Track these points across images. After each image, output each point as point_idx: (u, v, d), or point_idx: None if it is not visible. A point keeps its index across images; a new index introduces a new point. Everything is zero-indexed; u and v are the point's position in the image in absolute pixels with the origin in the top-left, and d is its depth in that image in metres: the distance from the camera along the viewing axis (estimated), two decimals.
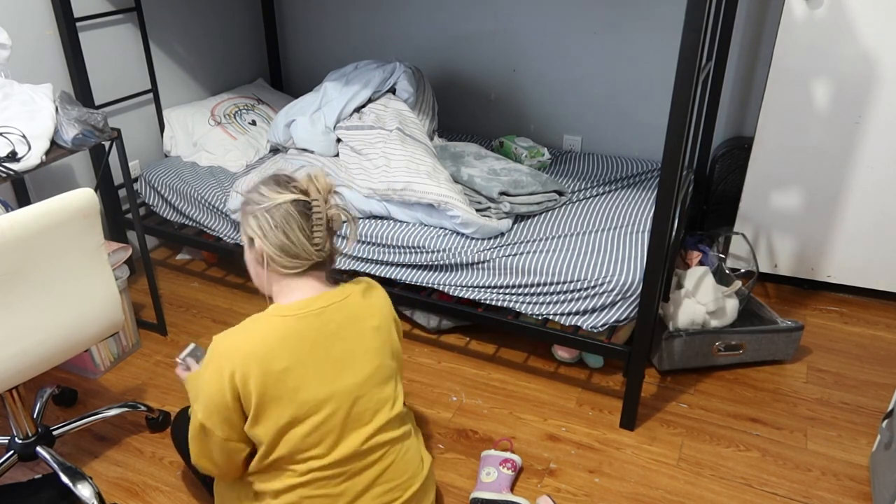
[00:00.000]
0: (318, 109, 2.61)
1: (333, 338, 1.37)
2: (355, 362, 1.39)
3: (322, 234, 1.37)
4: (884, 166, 2.31)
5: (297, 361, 1.32)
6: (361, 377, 1.39)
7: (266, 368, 1.29)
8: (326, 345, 1.36)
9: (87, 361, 2.18)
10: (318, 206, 1.36)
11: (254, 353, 1.29)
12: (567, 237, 2.14)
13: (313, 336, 1.35)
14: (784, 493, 1.75)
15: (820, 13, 2.19)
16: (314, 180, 1.38)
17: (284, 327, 1.33)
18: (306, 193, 1.36)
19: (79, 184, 2.58)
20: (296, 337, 1.33)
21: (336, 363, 1.36)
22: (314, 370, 1.34)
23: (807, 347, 2.31)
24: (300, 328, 1.34)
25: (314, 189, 1.37)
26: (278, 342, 1.31)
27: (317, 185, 1.38)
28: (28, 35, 2.30)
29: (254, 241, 1.37)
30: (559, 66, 2.87)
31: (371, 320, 1.43)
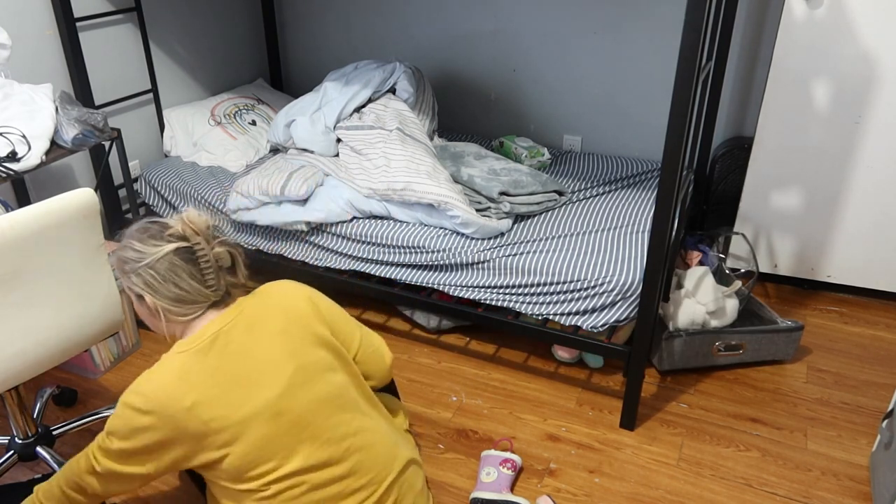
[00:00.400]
0: (318, 109, 2.61)
1: (236, 357, 1.30)
2: (265, 376, 1.31)
3: (213, 275, 1.34)
4: (884, 166, 2.32)
5: (201, 395, 1.26)
6: (279, 388, 1.32)
7: (173, 413, 1.24)
8: (230, 368, 1.29)
9: (87, 361, 2.18)
10: (203, 249, 1.32)
11: (157, 400, 1.24)
12: (567, 237, 2.14)
13: (213, 364, 1.28)
14: (784, 493, 1.75)
15: (820, 13, 2.19)
16: (189, 223, 1.33)
17: (182, 364, 1.27)
18: (185, 238, 1.32)
19: (79, 184, 2.58)
20: (195, 370, 1.27)
21: (245, 382, 1.29)
22: (222, 397, 1.27)
23: (807, 347, 2.31)
24: (197, 361, 1.28)
25: (191, 232, 1.32)
26: (177, 381, 1.25)
27: (193, 228, 1.33)
28: (28, 35, 2.30)
29: (144, 297, 1.33)
30: (559, 66, 2.88)
31: (273, 324, 1.36)
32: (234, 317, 1.35)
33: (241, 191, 2.37)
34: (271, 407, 1.31)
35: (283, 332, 1.36)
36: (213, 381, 1.27)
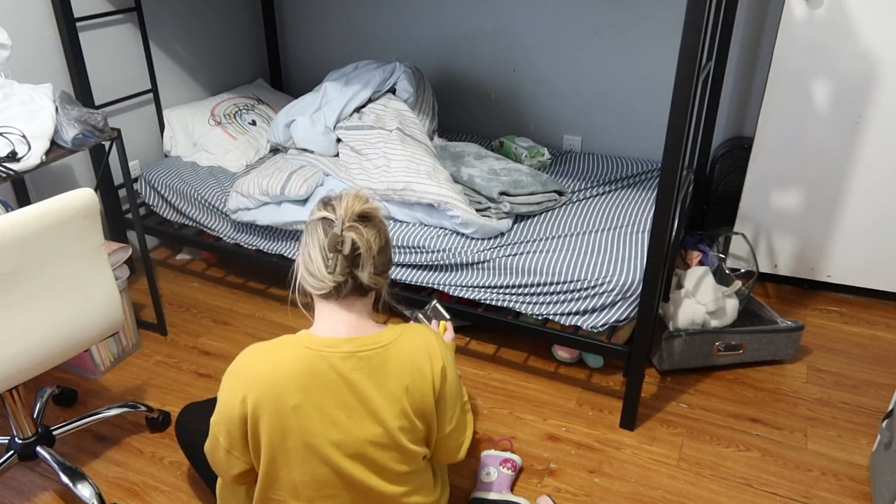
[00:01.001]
0: (318, 109, 2.61)
1: (354, 386, 1.28)
2: (367, 416, 1.29)
3: (333, 258, 1.29)
4: (884, 166, 2.31)
5: (309, 401, 1.25)
6: (368, 434, 1.29)
7: (278, 402, 1.25)
8: (343, 392, 1.28)
9: (87, 361, 2.18)
10: (336, 227, 1.28)
11: (271, 382, 1.25)
12: (567, 237, 2.14)
13: (333, 379, 1.27)
14: (784, 493, 1.75)
15: (820, 13, 2.19)
16: (342, 200, 1.32)
17: (307, 361, 1.27)
18: (334, 212, 1.30)
19: (79, 184, 2.58)
20: (314, 374, 1.26)
21: (349, 412, 1.28)
22: (322, 414, 1.27)
23: (807, 347, 2.31)
24: (322, 368, 1.27)
25: (340, 209, 1.30)
26: (296, 376, 1.25)
27: (343, 205, 1.30)
28: (28, 35, 2.30)
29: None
30: (559, 66, 2.87)
31: (403, 378, 1.31)
32: (376, 347, 1.31)
33: (241, 191, 2.37)
34: (353, 445, 1.29)
35: (405, 390, 1.31)
36: (324, 396, 1.27)
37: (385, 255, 1.35)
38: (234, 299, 2.62)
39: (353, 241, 1.28)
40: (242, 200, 2.37)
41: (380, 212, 1.36)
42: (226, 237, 2.52)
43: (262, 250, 2.46)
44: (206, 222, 2.55)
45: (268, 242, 2.43)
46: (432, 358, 1.34)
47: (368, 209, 1.32)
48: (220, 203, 2.47)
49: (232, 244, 2.52)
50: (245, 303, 2.60)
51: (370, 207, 1.32)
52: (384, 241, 1.35)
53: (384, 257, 1.35)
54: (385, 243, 1.35)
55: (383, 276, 1.36)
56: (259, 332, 2.42)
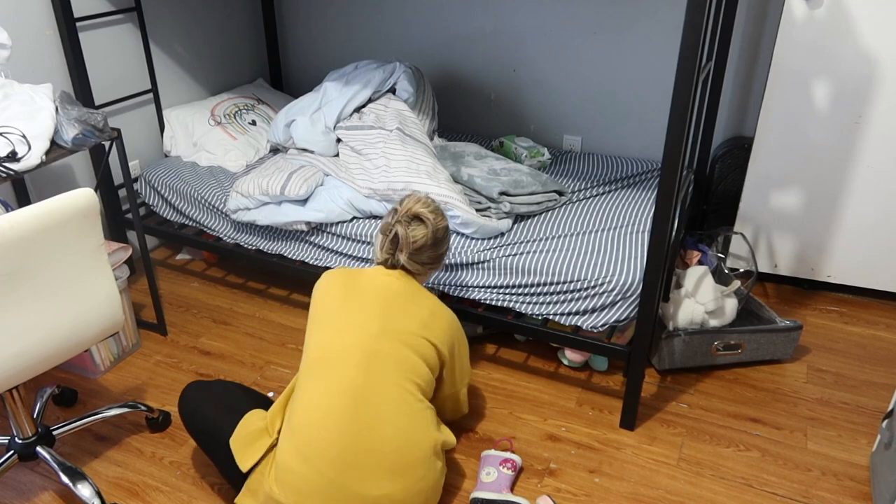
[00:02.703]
0: (318, 109, 2.61)
1: (395, 293, 1.67)
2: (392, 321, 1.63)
3: (383, 239, 1.74)
4: (884, 166, 2.31)
5: (354, 295, 1.66)
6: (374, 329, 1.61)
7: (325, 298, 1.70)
8: (385, 293, 1.66)
9: (87, 361, 2.18)
10: (391, 219, 1.72)
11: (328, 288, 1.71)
12: (567, 237, 2.14)
13: (384, 282, 1.69)
14: (784, 493, 1.75)
15: (820, 13, 2.19)
16: (408, 199, 1.74)
17: (369, 273, 1.72)
18: (399, 206, 1.74)
19: (79, 184, 2.58)
20: (369, 279, 1.70)
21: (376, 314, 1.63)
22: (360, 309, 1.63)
23: (807, 347, 2.31)
24: (377, 274, 1.71)
25: (402, 205, 1.73)
26: (355, 279, 1.70)
27: (405, 203, 1.73)
28: (28, 35, 2.30)
29: None
30: (559, 66, 2.87)
31: (420, 313, 1.66)
32: (385, 278, 1.69)
33: (241, 191, 2.37)
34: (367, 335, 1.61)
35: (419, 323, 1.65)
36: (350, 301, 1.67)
37: (427, 252, 1.72)
38: (234, 299, 2.62)
39: (396, 232, 1.71)
40: (242, 200, 2.37)
41: (436, 217, 1.72)
42: (226, 237, 2.52)
43: (262, 250, 2.46)
44: (206, 222, 2.55)
45: (268, 242, 2.43)
46: (446, 323, 1.70)
47: (421, 211, 1.71)
48: (220, 203, 2.47)
49: (232, 244, 2.52)
50: (245, 303, 2.60)
51: (425, 211, 1.71)
52: (431, 240, 1.71)
53: (428, 253, 1.72)
54: (432, 243, 1.71)
55: (424, 266, 1.74)
56: (259, 332, 2.42)
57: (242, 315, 2.53)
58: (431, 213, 1.71)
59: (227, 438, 1.59)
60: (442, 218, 1.75)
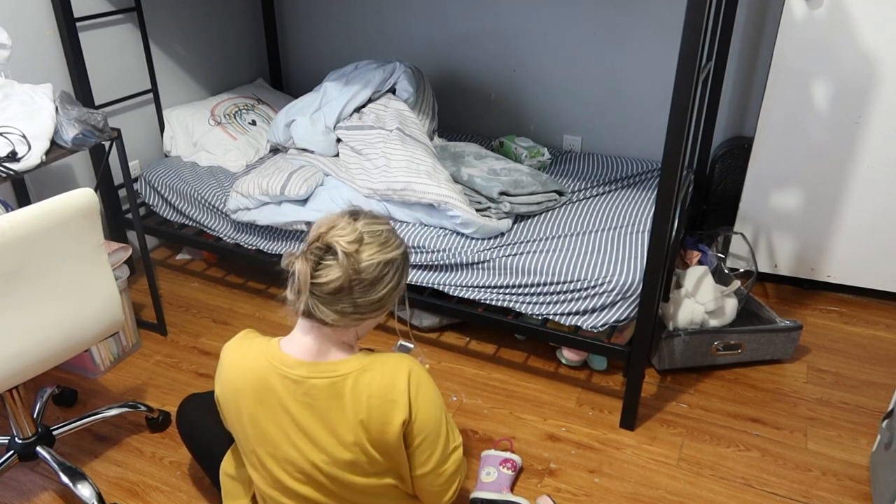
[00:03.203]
0: (318, 109, 2.61)
1: (297, 413, 1.26)
2: (310, 444, 1.28)
3: (291, 282, 1.23)
4: (884, 166, 2.31)
5: (264, 413, 1.28)
6: (316, 458, 1.28)
7: (237, 406, 1.31)
8: (290, 414, 1.27)
9: (87, 361, 2.18)
10: (300, 248, 1.25)
11: (232, 386, 1.31)
12: (567, 237, 2.14)
13: (281, 400, 1.27)
14: (784, 493, 1.75)
15: (820, 13, 2.19)
16: (321, 223, 1.24)
17: (266, 374, 1.27)
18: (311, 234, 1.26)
19: (79, 184, 2.58)
20: (269, 390, 1.27)
21: (295, 435, 1.28)
22: (276, 429, 1.28)
23: (807, 347, 2.31)
24: (275, 386, 1.27)
25: (312, 231, 1.24)
26: (254, 386, 1.28)
27: (315, 229, 1.23)
28: (28, 35, 2.30)
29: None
30: (559, 66, 2.87)
31: (358, 412, 1.25)
32: (334, 377, 1.25)
33: (241, 191, 2.37)
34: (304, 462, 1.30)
35: (362, 423, 1.25)
36: (278, 413, 1.28)
37: (351, 297, 1.21)
38: (234, 299, 2.62)
39: (296, 270, 1.20)
40: (242, 200, 2.37)
41: (367, 250, 1.21)
42: (226, 237, 2.52)
43: (262, 250, 2.46)
44: (206, 222, 2.55)
45: (268, 242, 2.43)
46: (396, 396, 1.24)
47: (336, 242, 1.19)
48: (220, 203, 2.47)
49: (232, 244, 2.52)
50: (245, 303, 2.60)
51: (343, 241, 1.19)
52: (354, 280, 1.20)
53: (351, 299, 1.22)
54: (357, 283, 1.21)
55: (347, 317, 1.23)
56: (259, 331, 2.42)
57: (242, 315, 2.53)
58: (353, 244, 1.19)
59: (219, 455, 1.56)
60: (381, 249, 1.23)
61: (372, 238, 1.23)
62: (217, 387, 1.34)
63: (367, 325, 1.32)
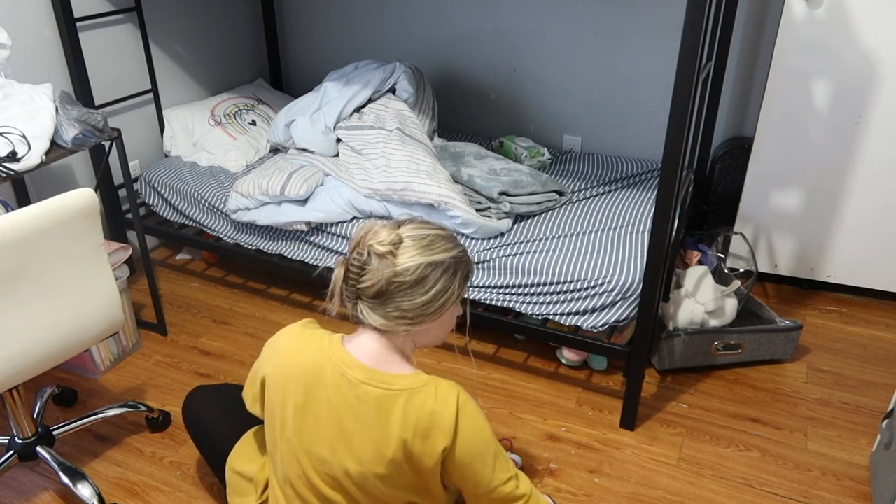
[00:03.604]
0: (318, 109, 2.61)
1: (345, 415, 1.25)
2: (347, 449, 1.26)
3: (336, 286, 1.26)
4: (884, 166, 2.31)
5: (311, 405, 1.27)
6: (348, 465, 1.26)
7: (285, 393, 1.29)
8: (338, 414, 1.26)
9: (87, 361, 2.18)
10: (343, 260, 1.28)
11: (283, 373, 1.30)
12: (567, 237, 2.14)
13: (334, 397, 1.26)
14: (784, 493, 1.75)
15: (820, 13, 2.19)
16: (357, 232, 1.27)
17: (323, 368, 1.27)
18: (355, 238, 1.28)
19: (79, 184, 2.58)
20: (323, 384, 1.26)
21: (337, 436, 1.26)
22: (317, 424, 1.27)
23: (807, 347, 2.31)
24: (333, 383, 1.26)
25: (355, 237, 1.26)
26: (308, 377, 1.27)
27: (357, 234, 1.25)
28: (28, 35, 2.30)
29: None
30: (559, 66, 2.87)
31: (403, 431, 1.23)
32: (388, 390, 1.24)
33: (241, 191, 2.37)
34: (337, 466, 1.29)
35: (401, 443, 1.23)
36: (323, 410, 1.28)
37: (397, 301, 1.22)
38: (234, 299, 2.62)
39: (333, 276, 1.25)
40: (242, 200, 2.37)
41: (390, 252, 1.21)
42: (226, 237, 2.52)
43: (262, 250, 2.46)
44: (206, 222, 2.55)
45: (268, 242, 2.43)
46: (443, 424, 1.23)
47: (368, 244, 1.22)
48: (220, 203, 2.47)
49: (232, 244, 2.52)
50: (245, 303, 2.60)
51: (379, 247, 1.21)
52: (385, 285, 1.21)
53: (397, 303, 1.23)
54: (389, 288, 1.21)
55: (394, 321, 1.24)
56: (259, 332, 2.42)
57: (242, 315, 2.52)
58: (388, 246, 1.21)
59: (226, 449, 1.56)
60: (424, 251, 1.23)
61: (414, 241, 1.23)
62: (267, 367, 1.32)
63: (423, 335, 1.30)
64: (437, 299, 1.24)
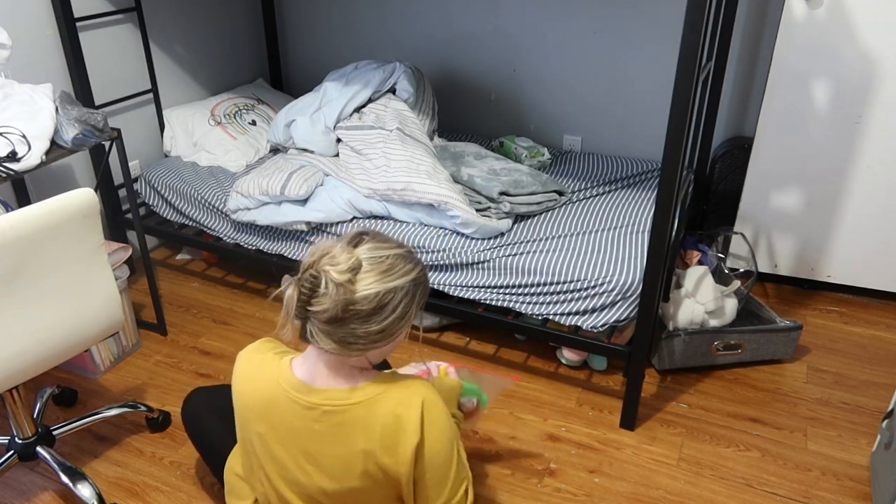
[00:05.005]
0: (318, 109, 2.61)
1: (309, 438, 1.23)
2: (321, 470, 1.25)
3: (290, 309, 1.19)
4: (884, 166, 2.31)
5: (273, 434, 1.26)
6: (323, 484, 1.25)
7: (247, 423, 1.31)
8: (301, 439, 1.24)
9: (87, 361, 2.18)
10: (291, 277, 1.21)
11: (242, 403, 1.30)
12: (567, 237, 2.14)
13: (294, 424, 1.23)
14: (784, 493, 1.75)
15: (820, 13, 2.19)
16: (311, 253, 1.19)
17: (277, 397, 1.24)
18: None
19: (79, 184, 2.58)
20: (280, 413, 1.24)
21: (307, 459, 1.25)
22: (284, 450, 1.27)
23: (807, 347, 2.31)
24: (287, 409, 1.23)
25: (314, 253, 1.19)
26: (265, 407, 1.25)
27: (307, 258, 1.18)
28: (28, 35, 2.30)
29: None
30: (559, 66, 2.87)
31: (368, 442, 1.20)
32: (345, 405, 1.20)
33: (241, 191, 2.37)
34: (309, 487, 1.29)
35: (364, 454, 1.21)
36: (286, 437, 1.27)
37: (349, 327, 1.14)
38: (234, 299, 2.62)
39: (285, 295, 1.17)
40: (242, 200, 2.37)
41: (349, 280, 1.12)
42: (226, 237, 2.52)
43: (262, 250, 2.46)
44: (206, 222, 2.55)
45: (268, 242, 2.43)
46: (408, 426, 1.18)
47: (323, 270, 1.12)
48: (220, 203, 2.47)
49: (232, 244, 2.52)
50: (245, 303, 2.60)
51: (332, 271, 1.11)
52: (340, 312, 1.12)
53: (350, 328, 1.14)
54: (343, 315, 1.13)
55: (347, 346, 1.16)
56: (259, 332, 2.42)
57: (242, 315, 2.53)
58: (346, 273, 1.11)
59: (224, 451, 1.56)
60: (383, 277, 1.14)
61: (372, 265, 1.14)
62: (232, 393, 1.33)
63: (375, 353, 1.22)
64: (393, 325, 1.18)
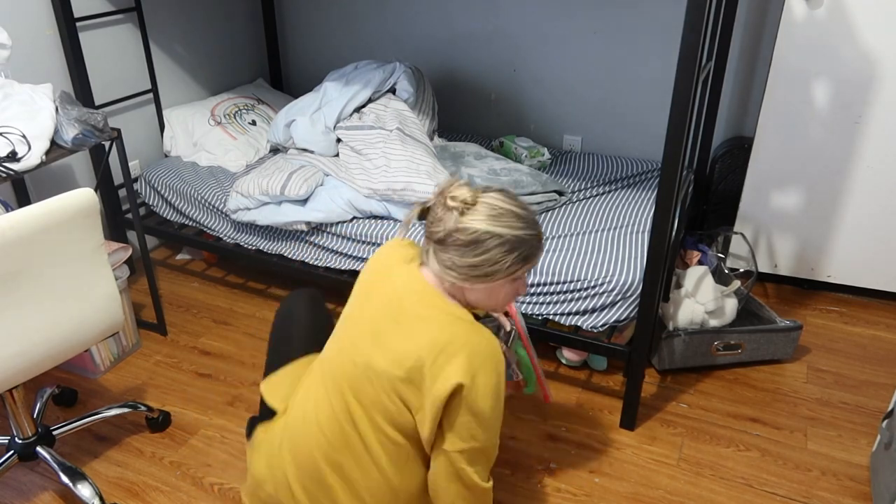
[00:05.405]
0: (318, 109, 2.61)
1: (398, 314, 1.31)
2: (390, 344, 1.29)
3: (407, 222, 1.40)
4: (884, 166, 2.31)
5: (376, 289, 1.38)
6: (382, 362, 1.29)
7: (361, 281, 1.45)
8: (388, 308, 1.33)
9: (87, 361, 2.18)
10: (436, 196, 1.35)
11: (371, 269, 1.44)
12: (567, 237, 2.14)
13: (394, 296, 1.34)
14: (784, 493, 1.75)
15: (820, 13, 2.19)
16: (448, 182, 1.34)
17: (393, 272, 1.38)
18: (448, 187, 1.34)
19: (79, 184, 2.58)
20: (392, 286, 1.36)
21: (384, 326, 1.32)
22: (369, 311, 1.36)
23: (807, 347, 2.31)
24: (401, 284, 1.35)
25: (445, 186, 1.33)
26: (383, 272, 1.39)
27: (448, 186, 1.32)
28: (28, 35, 2.30)
29: None
30: (559, 66, 2.88)
31: (433, 348, 1.25)
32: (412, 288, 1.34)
33: (241, 191, 2.37)
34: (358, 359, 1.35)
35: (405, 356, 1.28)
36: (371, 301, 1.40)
37: (451, 252, 1.29)
38: (234, 299, 2.62)
39: (408, 214, 1.37)
40: (242, 200, 2.37)
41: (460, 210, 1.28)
42: (226, 237, 2.52)
43: (262, 250, 2.46)
44: (206, 222, 2.55)
45: (268, 242, 2.43)
46: (464, 359, 1.23)
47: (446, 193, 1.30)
48: (220, 203, 2.47)
49: (232, 244, 2.52)
50: (245, 303, 2.60)
51: (458, 202, 1.28)
52: (445, 235, 1.29)
53: (451, 254, 1.29)
54: (446, 239, 1.29)
55: (448, 271, 1.30)
56: (259, 332, 2.42)
57: (242, 315, 2.52)
58: (459, 203, 1.28)
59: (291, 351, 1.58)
60: (489, 220, 1.27)
61: (486, 208, 1.28)
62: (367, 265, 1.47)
63: (471, 293, 1.33)
64: (484, 266, 1.29)
